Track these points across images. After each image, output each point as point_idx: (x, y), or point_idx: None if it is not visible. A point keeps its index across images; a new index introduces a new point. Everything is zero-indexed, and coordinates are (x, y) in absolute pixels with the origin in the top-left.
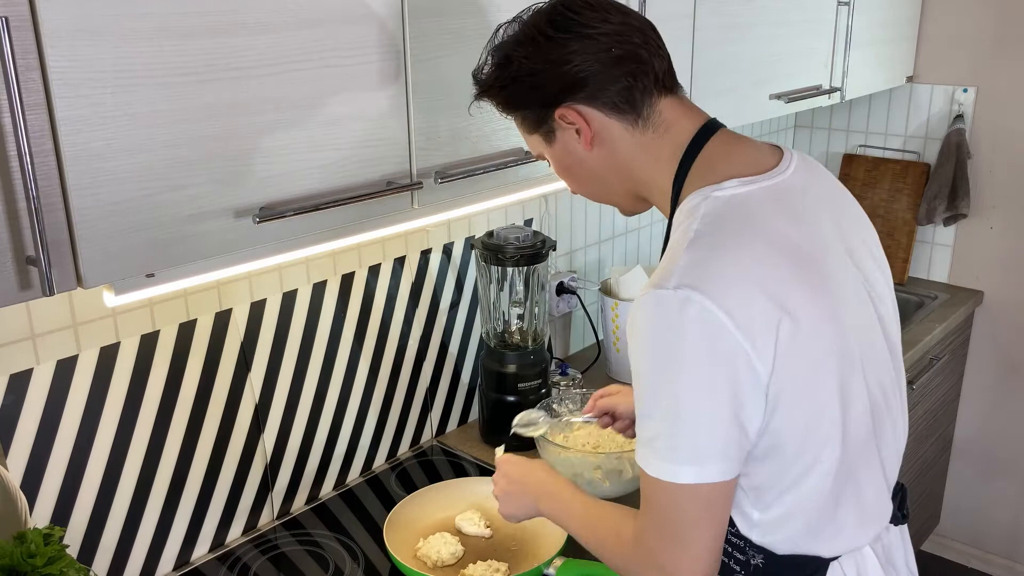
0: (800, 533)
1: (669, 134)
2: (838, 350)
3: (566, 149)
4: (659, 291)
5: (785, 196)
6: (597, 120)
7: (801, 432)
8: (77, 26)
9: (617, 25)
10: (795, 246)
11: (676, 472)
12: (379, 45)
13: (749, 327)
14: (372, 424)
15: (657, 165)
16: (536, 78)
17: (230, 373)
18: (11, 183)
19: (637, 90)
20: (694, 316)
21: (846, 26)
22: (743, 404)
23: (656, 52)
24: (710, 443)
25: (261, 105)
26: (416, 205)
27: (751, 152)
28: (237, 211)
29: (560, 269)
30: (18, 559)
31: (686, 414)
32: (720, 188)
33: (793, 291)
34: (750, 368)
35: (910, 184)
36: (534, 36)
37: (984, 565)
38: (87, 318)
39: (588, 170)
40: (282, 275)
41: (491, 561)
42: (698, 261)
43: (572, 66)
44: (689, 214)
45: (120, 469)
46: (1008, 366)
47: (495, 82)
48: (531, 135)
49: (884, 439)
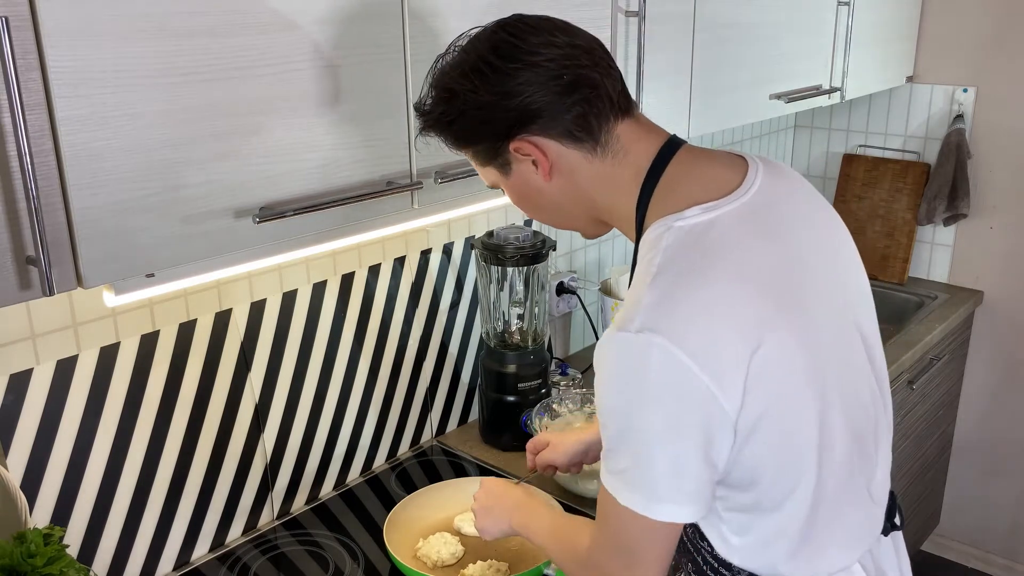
0: (782, 557)
1: (628, 158)
2: (813, 373)
3: (524, 180)
4: (622, 334)
5: (752, 217)
6: (554, 150)
7: (777, 458)
8: (77, 26)
9: (564, 48)
10: (766, 270)
11: (652, 509)
12: (379, 45)
13: (715, 367)
14: (372, 424)
15: (618, 191)
16: (485, 112)
17: (230, 373)
18: (11, 183)
19: (592, 116)
20: (657, 360)
21: (846, 26)
22: (712, 442)
23: (607, 72)
24: (684, 484)
25: (261, 105)
26: (416, 205)
27: (714, 171)
28: (237, 211)
29: (560, 269)
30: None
31: (657, 456)
32: (682, 217)
33: (762, 321)
34: (718, 407)
35: (910, 184)
36: (478, 67)
37: (984, 565)
38: (87, 318)
39: (547, 200)
40: (282, 275)
41: (491, 561)
42: (660, 301)
43: (523, 97)
44: (652, 246)
45: (120, 469)
46: (1008, 366)
47: (441, 117)
48: (485, 167)
49: (867, 458)
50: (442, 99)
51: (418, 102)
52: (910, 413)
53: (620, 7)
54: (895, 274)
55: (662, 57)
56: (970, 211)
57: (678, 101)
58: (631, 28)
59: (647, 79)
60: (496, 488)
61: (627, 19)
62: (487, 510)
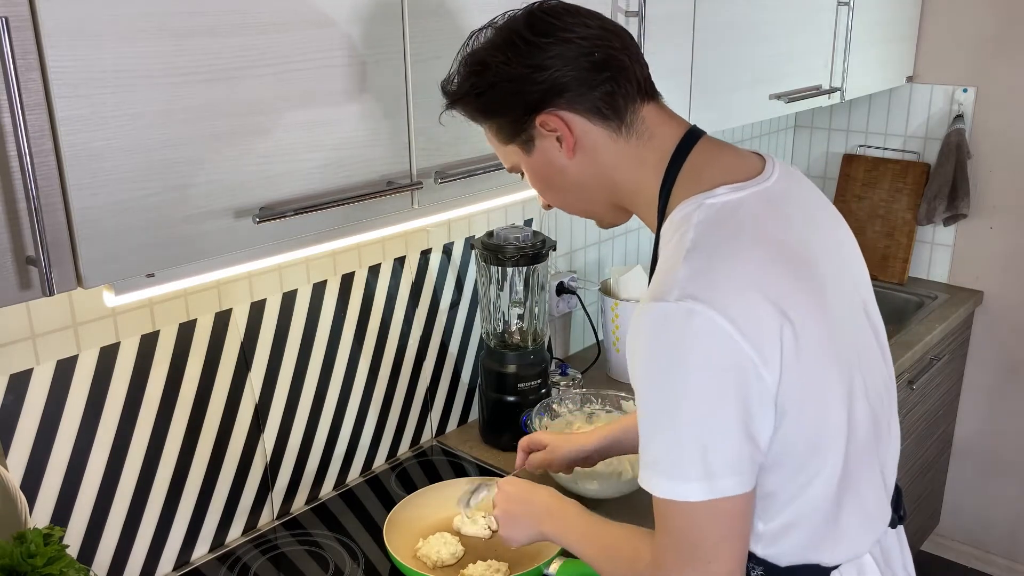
0: (803, 543)
1: (653, 141)
2: (838, 355)
3: (546, 158)
4: (660, 304)
5: (773, 202)
6: (579, 126)
7: (807, 440)
8: (77, 26)
9: (596, 30)
10: (790, 251)
11: (685, 491)
12: (379, 45)
13: (755, 336)
14: (372, 424)
15: (642, 173)
16: (515, 84)
17: (230, 373)
18: (11, 183)
19: (620, 96)
20: (699, 328)
21: (846, 26)
22: (752, 415)
23: (636, 58)
24: (718, 457)
25: (261, 105)
26: (416, 205)
27: (735, 159)
28: (237, 211)
29: (560, 269)
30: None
31: (692, 429)
32: (712, 195)
33: (793, 297)
34: (758, 378)
35: (910, 184)
36: (512, 40)
37: (984, 565)
38: (87, 318)
39: (568, 180)
40: (282, 275)
41: (491, 561)
42: (698, 271)
43: (554, 71)
44: (682, 223)
45: (120, 469)
46: (1008, 366)
47: (471, 89)
48: (506, 145)
49: (882, 442)
50: (473, 72)
51: (445, 80)
52: (910, 413)
53: (620, 7)
54: (895, 274)
55: (662, 57)
56: (970, 211)
57: (678, 101)
58: (631, 28)
59: None
60: (519, 492)
61: (627, 19)
62: (513, 518)
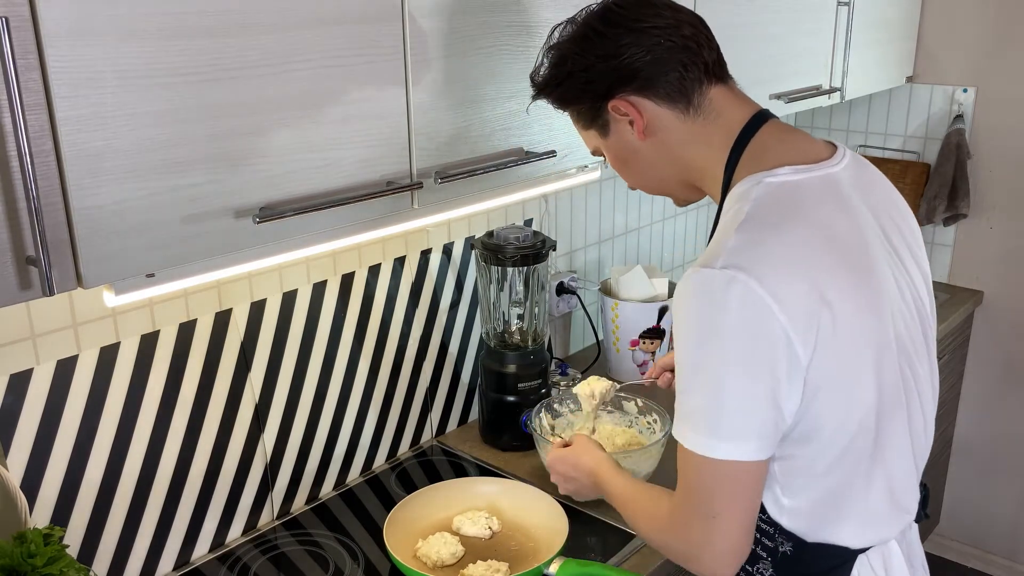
0: (831, 520)
1: (720, 120)
2: (877, 339)
3: (621, 141)
4: (706, 270)
5: (835, 187)
6: (649, 110)
7: (838, 419)
8: (77, 26)
9: (668, 19)
10: (841, 236)
11: (714, 447)
12: (379, 45)
13: (793, 311)
14: (372, 424)
15: (709, 151)
16: (588, 73)
17: (230, 373)
18: (11, 183)
19: (688, 79)
20: (738, 295)
21: (846, 26)
22: (781, 385)
23: (706, 43)
24: (747, 421)
25: (261, 105)
26: (416, 205)
27: (803, 143)
28: (237, 211)
29: (560, 269)
30: (18, 559)
31: (726, 391)
32: (773, 174)
33: (836, 280)
34: (790, 350)
35: (910, 184)
36: (586, 33)
37: (984, 565)
38: (87, 318)
39: (643, 161)
40: (282, 275)
41: (491, 561)
42: (747, 243)
43: (623, 59)
44: (741, 198)
45: (120, 469)
46: (1008, 366)
47: (551, 80)
48: (587, 130)
49: (916, 429)
50: (553, 63)
51: (532, 71)
52: None
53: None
54: None
55: None
56: (970, 211)
57: None
58: None
59: None
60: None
61: None
62: (569, 479)
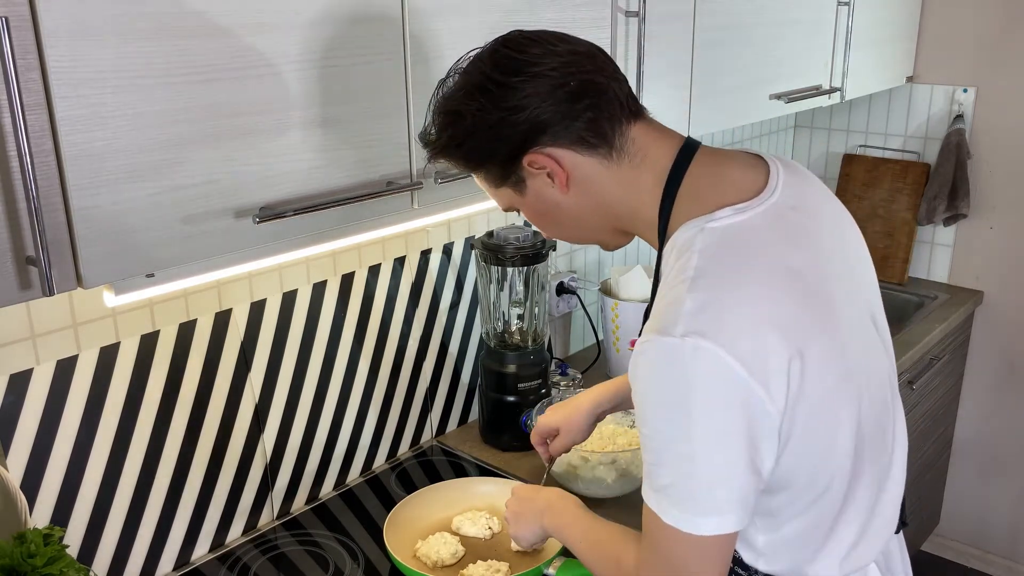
0: (807, 558)
1: (647, 162)
2: (844, 377)
3: (540, 196)
4: (666, 339)
5: (779, 220)
6: (568, 159)
7: (813, 463)
8: (77, 26)
9: (565, 56)
10: (798, 275)
11: (697, 524)
12: (379, 45)
13: (763, 372)
14: (372, 424)
15: (639, 197)
16: (495, 130)
17: (230, 373)
18: (11, 183)
19: (604, 120)
20: (706, 367)
21: (846, 26)
22: (758, 449)
23: (613, 76)
24: (728, 494)
25: (261, 105)
26: (416, 205)
27: (737, 172)
28: (237, 211)
29: (560, 269)
30: (18, 559)
31: (702, 466)
32: (713, 219)
33: (801, 326)
34: (764, 413)
35: (910, 184)
36: (483, 84)
37: (984, 565)
38: (87, 318)
39: (566, 214)
40: (282, 275)
41: (491, 561)
42: (704, 304)
43: (531, 109)
44: (684, 248)
45: (120, 469)
46: (1008, 366)
47: (450, 141)
48: (499, 189)
49: (886, 455)
50: (448, 123)
51: (422, 132)
52: (910, 413)
53: (620, 7)
54: (895, 274)
55: (662, 57)
56: (970, 211)
57: (678, 101)
58: (631, 28)
59: (647, 80)
60: (524, 492)
61: (627, 19)
62: (517, 516)
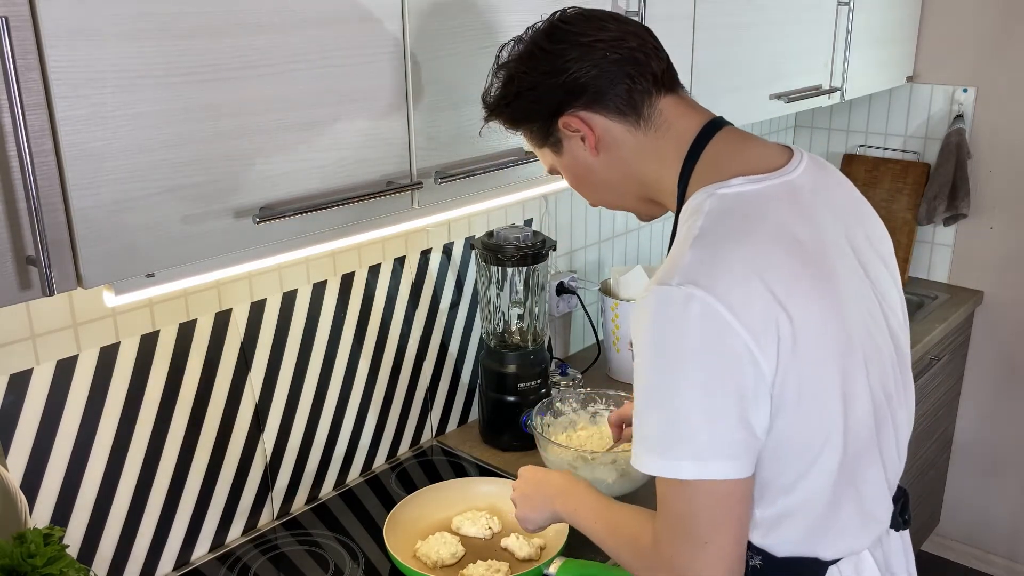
0: (800, 533)
1: (672, 132)
2: (841, 349)
3: (575, 158)
4: (662, 287)
5: (792, 194)
6: (600, 124)
7: (803, 432)
8: (77, 26)
9: (613, 32)
10: (800, 244)
11: (676, 468)
12: (379, 45)
13: (753, 324)
14: (372, 424)
15: (662, 164)
16: (536, 91)
17: (230, 373)
18: (11, 183)
19: (636, 92)
20: (697, 313)
21: (846, 26)
22: (748, 402)
23: (654, 54)
24: (710, 439)
25: (261, 105)
26: (416, 205)
27: (759, 150)
28: (237, 211)
29: (560, 269)
30: (18, 559)
31: (686, 411)
32: (726, 185)
33: (796, 289)
34: (755, 365)
35: (910, 184)
36: (532, 51)
37: (984, 565)
38: (87, 318)
39: (599, 177)
40: (282, 275)
41: (491, 561)
42: (702, 258)
43: (570, 74)
44: (694, 211)
45: (120, 469)
46: (1008, 366)
47: (500, 100)
48: (540, 148)
49: (886, 441)
50: (502, 83)
51: (484, 92)
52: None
53: (620, 7)
54: None
55: None
56: (970, 211)
57: None
58: None
59: None
60: (535, 475)
61: None
62: (527, 498)
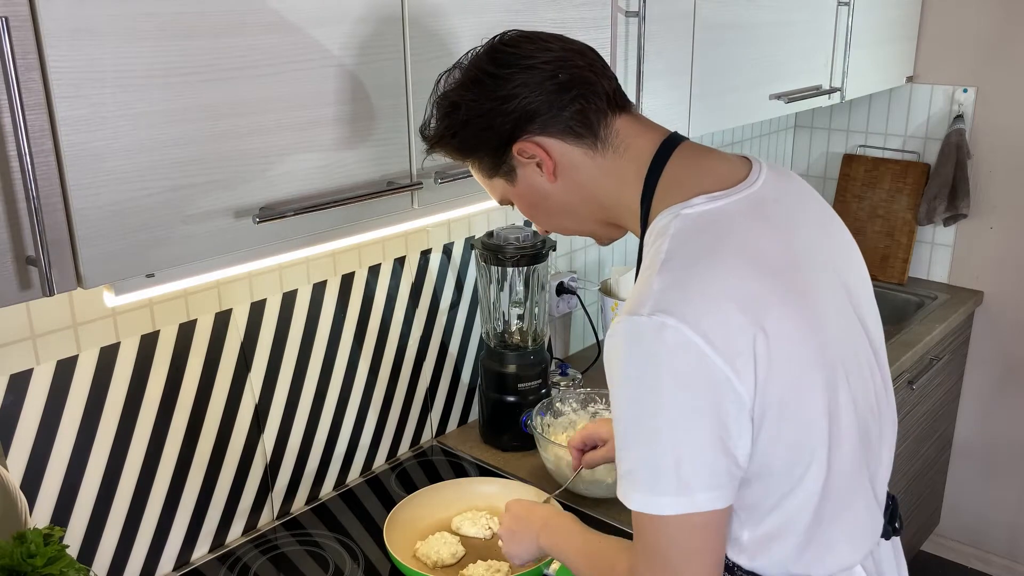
0: (789, 554)
1: (630, 153)
2: (821, 364)
3: (530, 185)
4: (633, 318)
5: (756, 208)
6: (556, 149)
7: (787, 450)
8: (77, 26)
9: (557, 52)
10: (770, 259)
11: (659, 504)
12: (379, 45)
13: (728, 350)
14: (372, 424)
15: (623, 187)
16: (487, 118)
17: (230, 373)
18: (11, 183)
19: (590, 112)
20: (671, 343)
21: (846, 26)
22: (729, 430)
23: (602, 72)
24: (693, 473)
25: (261, 105)
26: (416, 205)
27: (718, 165)
28: (237, 211)
29: (560, 269)
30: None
31: (667, 444)
32: (689, 205)
33: (770, 306)
34: (732, 392)
35: (910, 184)
36: (477, 77)
37: (984, 565)
38: (87, 318)
39: (556, 204)
40: (282, 275)
41: (491, 561)
42: (671, 284)
43: (521, 99)
44: (659, 234)
45: (120, 469)
46: (1008, 366)
47: (446, 131)
48: (491, 179)
49: (872, 453)
50: (445, 114)
51: (422, 125)
52: (910, 413)
53: (620, 7)
54: (895, 274)
55: (662, 57)
56: (970, 211)
57: (678, 101)
58: (631, 28)
59: (647, 79)
60: (520, 510)
61: (627, 19)
62: (512, 534)
